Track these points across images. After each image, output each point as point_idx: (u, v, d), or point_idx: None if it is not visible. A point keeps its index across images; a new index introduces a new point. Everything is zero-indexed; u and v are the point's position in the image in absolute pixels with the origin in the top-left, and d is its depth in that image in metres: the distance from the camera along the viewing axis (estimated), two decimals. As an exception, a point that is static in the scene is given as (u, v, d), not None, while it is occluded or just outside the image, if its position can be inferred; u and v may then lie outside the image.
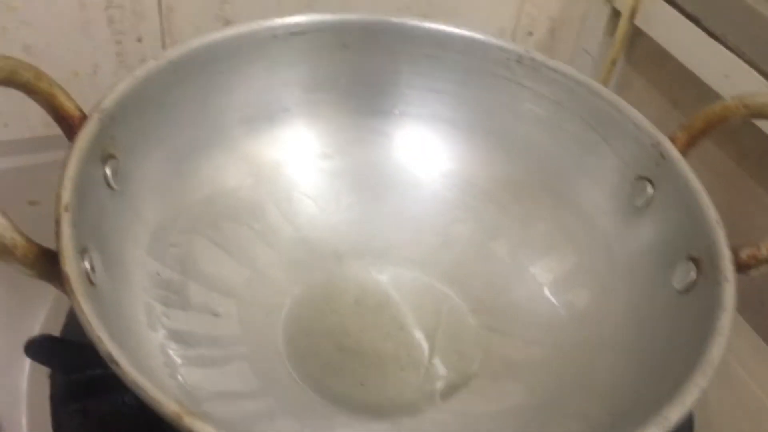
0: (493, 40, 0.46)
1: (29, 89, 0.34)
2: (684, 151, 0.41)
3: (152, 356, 0.35)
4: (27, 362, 0.37)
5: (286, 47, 0.45)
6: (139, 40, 0.57)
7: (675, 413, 0.29)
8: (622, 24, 0.63)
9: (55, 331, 0.36)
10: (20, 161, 0.50)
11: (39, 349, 0.34)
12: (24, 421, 0.37)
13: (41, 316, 0.41)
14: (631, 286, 0.41)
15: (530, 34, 0.70)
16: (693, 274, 0.37)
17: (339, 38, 0.46)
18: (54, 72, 0.55)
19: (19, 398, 0.38)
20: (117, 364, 0.27)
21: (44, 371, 0.38)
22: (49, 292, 0.31)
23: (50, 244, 0.30)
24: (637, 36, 0.63)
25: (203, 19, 0.56)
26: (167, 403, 0.26)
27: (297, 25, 0.44)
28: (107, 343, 0.27)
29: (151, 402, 0.26)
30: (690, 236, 0.38)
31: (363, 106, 0.48)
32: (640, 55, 0.64)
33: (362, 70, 0.47)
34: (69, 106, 0.35)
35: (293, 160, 0.47)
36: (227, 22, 0.58)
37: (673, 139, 0.41)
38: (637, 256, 0.41)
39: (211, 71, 0.42)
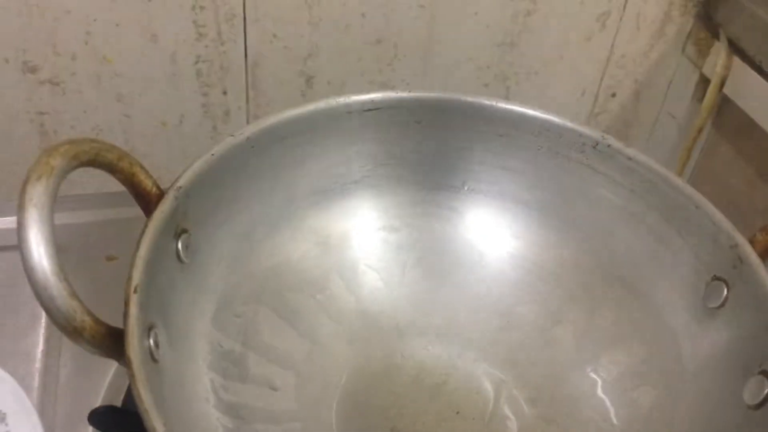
0: (569, 124, 0.45)
1: (112, 169, 0.35)
2: (764, 256, 0.39)
3: (208, 431, 0.36)
4: (90, 430, 0.38)
5: (360, 122, 0.45)
6: (225, 92, 0.59)
7: None
8: (711, 92, 0.61)
9: (117, 401, 0.37)
10: (100, 215, 0.52)
11: (101, 418, 0.35)
12: (84, 483, 0.38)
13: (104, 385, 0.42)
14: (698, 391, 0.39)
15: (614, 95, 0.69)
16: (766, 390, 0.35)
17: (413, 115, 0.46)
18: (143, 121, 0.59)
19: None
20: (167, 453, 0.27)
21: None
22: (111, 363, 0.33)
23: (121, 307, 0.31)
24: (725, 104, 0.61)
25: (286, 74, 0.58)
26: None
27: (372, 102, 0.45)
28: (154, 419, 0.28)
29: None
30: (764, 348, 0.36)
31: (432, 181, 0.48)
32: (728, 124, 0.63)
33: (434, 145, 0.47)
34: (147, 184, 0.37)
35: (360, 232, 0.47)
36: (309, 78, 0.59)
37: (752, 242, 0.39)
38: (708, 360, 0.40)
39: (287, 145, 0.43)
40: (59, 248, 0.50)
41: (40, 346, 0.44)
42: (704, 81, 0.63)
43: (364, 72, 0.60)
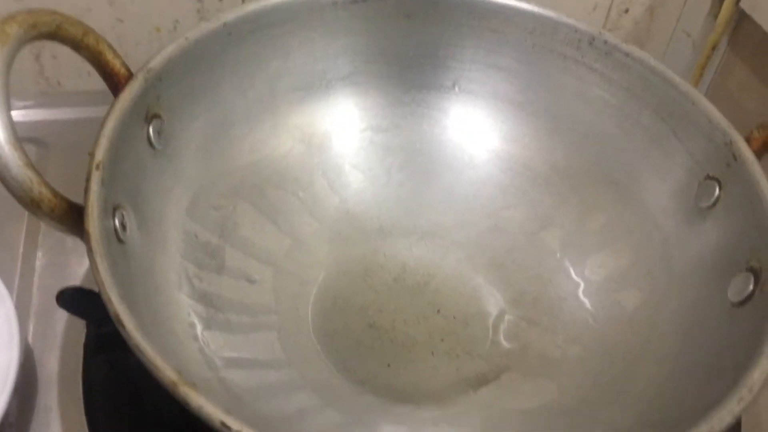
0: (564, 19, 0.43)
1: (76, 45, 0.34)
2: (759, 153, 0.37)
3: (177, 317, 0.35)
4: (60, 313, 0.38)
5: (347, 14, 0.43)
6: (220, -2, 0.57)
7: (700, 438, 0.26)
8: (727, 6, 0.58)
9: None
10: (84, 113, 0.51)
11: (70, 299, 0.35)
12: (57, 365, 0.38)
13: (81, 274, 0.42)
14: (685, 292, 0.38)
15: (626, 11, 0.66)
16: (750, 287, 0.34)
17: (402, 8, 0.44)
18: (137, 27, 0.57)
19: (55, 344, 0.39)
20: (123, 326, 0.27)
21: (82, 321, 0.40)
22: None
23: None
24: (742, 20, 0.58)
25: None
26: (165, 371, 0.26)
27: (358, -8, 0.43)
28: (116, 306, 0.27)
29: (150, 367, 0.26)
30: (753, 245, 0.35)
31: (422, 80, 0.46)
32: (744, 41, 0.60)
33: (423, 42, 0.45)
34: (115, 64, 0.36)
35: (346, 131, 0.46)
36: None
37: (748, 140, 0.38)
38: (695, 261, 0.38)
39: (268, 36, 0.42)
40: (41, 143, 0.50)
41: (22, 235, 0.44)
42: (721, -4, 0.60)
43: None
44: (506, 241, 0.44)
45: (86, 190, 0.31)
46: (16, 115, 0.51)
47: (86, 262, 0.42)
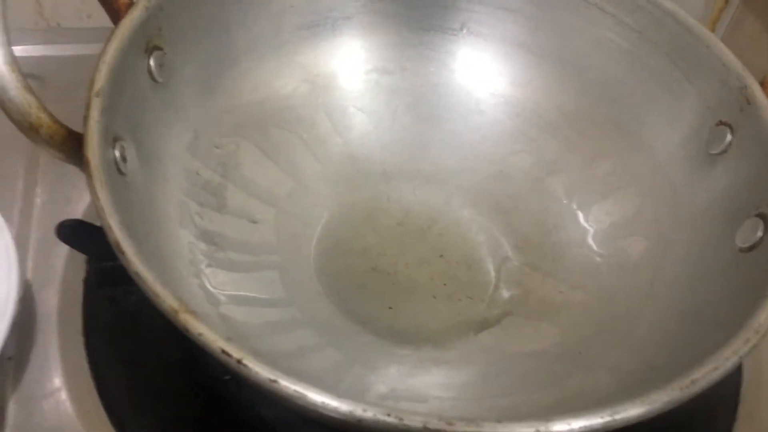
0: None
1: (76, -30, 0.33)
2: (774, 98, 0.36)
3: (178, 254, 0.35)
4: (60, 247, 0.38)
5: (356, -51, 0.42)
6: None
7: (704, 379, 0.26)
8: None
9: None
10: (85, 49, 0.50)
11: (70, 232, 0.35)
12: (56, 301, 0.38)
13: (82, 209, 0.42)
14: (691, 239, 0.38)
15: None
16: (759, 232, 0.34)
17: (411, -54, 0.43)
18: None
19: (54, 280, 0.39)
20: (123, 252, 0.27)
21: (82, 257, 0.39)
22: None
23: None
24: (756, -26, 0.57)
25: None
26: (166, 298, 0.26)
27: (367, -74, 0.42)
28: (116, 232, 0.27)
29: (150, 294, 0.26)
30: (763, 191, 0.35)
31: (430, 21, 0.45)
32: (757, -2, 0.59)
33: (432, -20, 0.44)
34: (116, -9, 0.35)
35: (351, 72, 0.45)
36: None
37: (763, 84, 0.37)
38: (704, 207, 0.38)
39: (273, -30, 0.41)
40: (39, 79, 0.49)
41: (22, 170, 0.43)
42: None
43: None
44: (511, 186, 0.44)
45: (86, 118, 0.30)
46: (14, 50, 0.50)
47: (87, 199, 0.41)
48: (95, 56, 0.33)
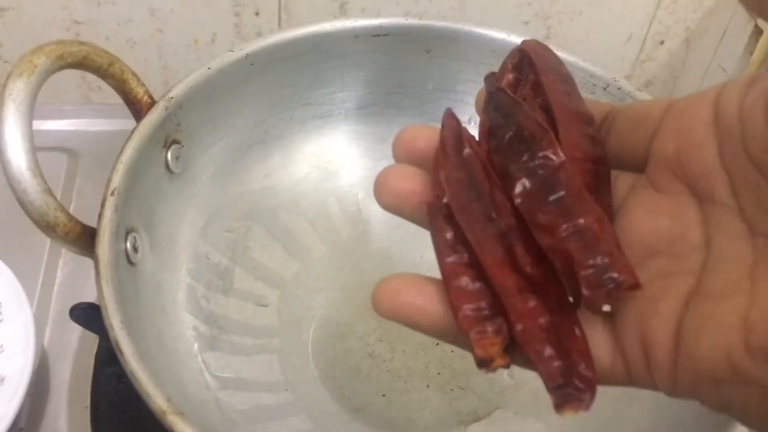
0: (582, 63, 0.43)
1: (102, 73, 0.36)
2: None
3: (181, 337, 0.37)
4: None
5: (368, 47, 0.45)
6: (257, 13, 0.59)
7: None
8: (762, 43, 0.58)
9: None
10: (116, 125, 0.53)
11: (82, 314, 0.37)
12: (69, 373, 0.40)
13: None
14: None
15: (662, 43, 0.66)
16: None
17: (423, 44, 0.45)
18: (175, 37, 0.59)
19: (69, 352, 0.41)
20: (121, 351, 0.29)
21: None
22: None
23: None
24: (778, 57, 0.58)
25: (319, -1, 0.58)
26: (156, 398, 0.28)
27: (380, 27, 0.44)
28: (117, 331, 0.29)
29: (142, 393, 0.28)
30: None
31: (440, 114, 0.46)
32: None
33: (442, 77, 0.46)
34: (138, 92, 0.37)
35: (362, 160, 0.47)
36: (343, 4, 0.59)
37: None
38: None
39: (289, 66, 0.43)
40: (71, 153, 0.52)
41: (47, 244, 0.46)
42: (758, 32, 0.59)
43: (400, 1, 0.59)
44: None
45: (100, 216, 0.33)
46: (53, 125, 0.54)
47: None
48: (125, 132, 0.36)
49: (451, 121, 0.24)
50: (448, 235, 0.21)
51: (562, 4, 0.60)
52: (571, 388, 0.18)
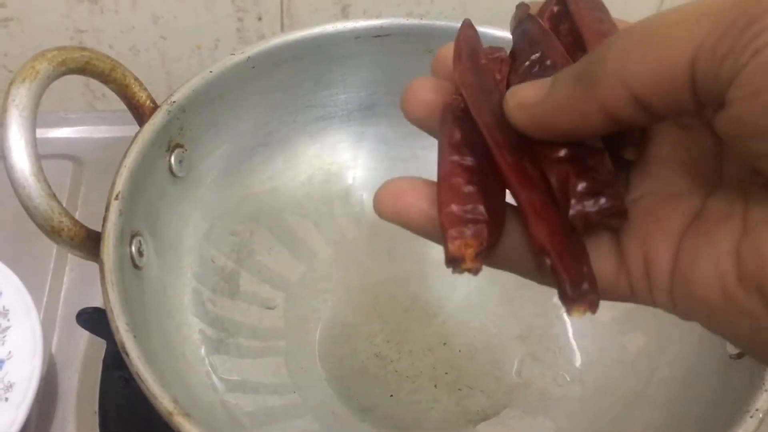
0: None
1: (104, 79, 0.36)
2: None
3: (187, 340, 0.37)
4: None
5: (370, 48, 0.45)
6: (260, 18, 0.59)
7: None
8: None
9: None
10: (120, 131, 0.54)
11: (88, 318, 0.37)
12: (77, 378, 0.41)
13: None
14: (687, 340, 0.38)
15: None
16: (750, 342, 0.34)
17: (424, 44, 0.45)
18: (178, 43, 0.60)
19: (77, 357, 0.41)
20: (127, 354, 0.29)
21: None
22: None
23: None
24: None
25: (322, 2, 0.58)
26: (162, 400, 0.28)
27: (380, 27, 0.44)
28: (122, 333, 0.29)
29: (148, 395, 0.28)
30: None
31: (442, 114, 0.47)
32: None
33: (444, 77, 0.46)
34: (141, 96, 0.37)
35: (365, 160, 0.47)
36: (345, 7, 0.59)
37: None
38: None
39: (291, 68, 0.43)
40: (77, 160, 0.52)
41: (53, 251, 0.46)
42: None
43: (402, 3, 0.59)
44: (517, 275, 0.45)
45: (104, 220, 0.33)
46: (58, 132, 0.54)
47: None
48: (129, 138, 0.36)
49: (468, 30, 0.23)
50: (457, 136, 0.21)
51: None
52: (583, 287, 0.18)
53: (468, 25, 0.24)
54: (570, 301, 0.18)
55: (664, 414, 0.36)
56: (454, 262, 0.19)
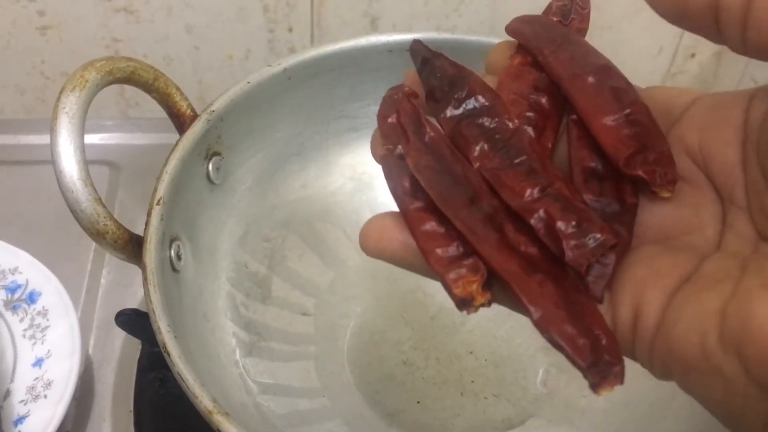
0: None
1: (148, 88, 0.37)
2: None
3: (222, 343, 0.38)
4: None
5: (402, 61, 0.45)
6: (290, 29, 0.60)
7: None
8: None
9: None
10: (158, 139, 0.55)
11: (127, 320, 0.38)
12: (113, 378, 0.42)
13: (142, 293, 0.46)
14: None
15: (693, 56, 0.66)
16: None
17: (456, 58, 0.46)
18: (211, 53, 0.61)
19: (113, 357, 0.43)
20: (168, 354, 0.30)
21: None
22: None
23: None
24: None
25: (351, 14, 0.59)
26: (202, 399, 0.29)
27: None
28: (164, 334, 0.30)
29: (189, 394, 0.29)
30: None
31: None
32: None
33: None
34: (182, 105, 0.39)
35: (395, 171, 0.48)
36: (374, 19, 0.60)
37: None
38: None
39: (325, 80, 0.44)
40: (114, 166, 0.54)
41: (91, 253, 0.47)
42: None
43: (431, 16, 0.60)
44: (543, 286, 0.46)
45: (147, 224, 0.34)
46: (94, 138, 0.55)
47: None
48: (164, 146, 0.37)
49: (404, 104, 0.23)
50: (406, 183, 0.21)
51: (592, 18, 0.60)
52: (602, 364, 0.18)
53: (402, 98, 0.23)
54: (595, 386, 0.18)
55: (689, 427, 0.36)
56: (464, 303, 0.19)
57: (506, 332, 0.44)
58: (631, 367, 0.41)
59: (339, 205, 0.47)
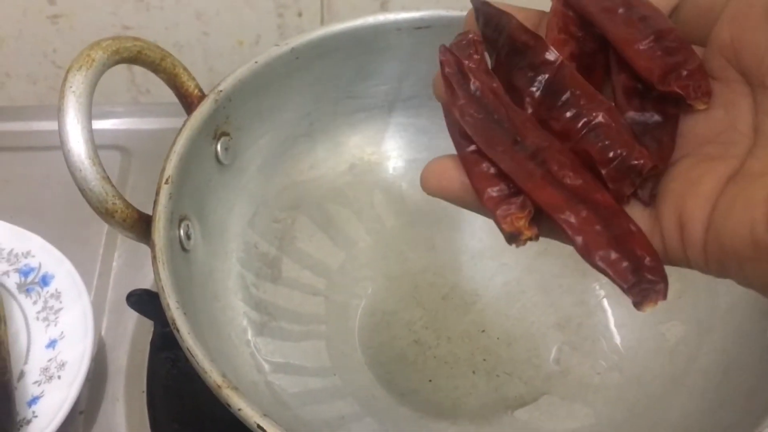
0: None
1: (155, 68, 0.37)
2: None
3: (232, 322, 0.38)
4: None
5: (411, 40, 0.45)
6: (300, 14, 0.60)
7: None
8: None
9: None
10: (167, 123, 0.55)
11: (138, 300, 0.38)
12: (126, 359, 0.42)
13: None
14: (727, 329, 0.38)
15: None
16: (792, 330, 0.34)
17: (464, 35, 0.45)
18: (220, 39, 0.61)
19: (125, 339, 0.43)
20: (178, 330, 0.30)
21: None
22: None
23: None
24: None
25: (361, -1, 0.59)
26: (211, 374, 0.29)
27: (422, 19, 0.45)
28: (173, 311, 0.30)
29: (198, 369, 0.29)
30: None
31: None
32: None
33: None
34: (189, 86, 0.39)
35: (405, 151, 0.48)
36: (384, 2, 0.59)
37: None
38: (739, 295, 0.38)
39: (333, 60, 0.44)
40: (125, 150, 0.54)
41: (103, 236, 0.48)
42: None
43: (440, 0, 0.59)
44: (556, 265, 0.45)
45: (155, 203, 0.34)
46: (106, 123, 0.56)
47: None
48: (174, 130, 0.37)
49: (448, 56, 0.24)
50: (463, 129, 0.22)
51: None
52: (644, 283, 0.19)
53: (445, 51, 0.24)
54: (638, 304, 0.19)
55: (703, 402, 0.36)
56: (513, 237, 0.21)
57: (518, 311, 0.44)
58: (645, 344, 0.41)
59: (349, 186, 0.47)
